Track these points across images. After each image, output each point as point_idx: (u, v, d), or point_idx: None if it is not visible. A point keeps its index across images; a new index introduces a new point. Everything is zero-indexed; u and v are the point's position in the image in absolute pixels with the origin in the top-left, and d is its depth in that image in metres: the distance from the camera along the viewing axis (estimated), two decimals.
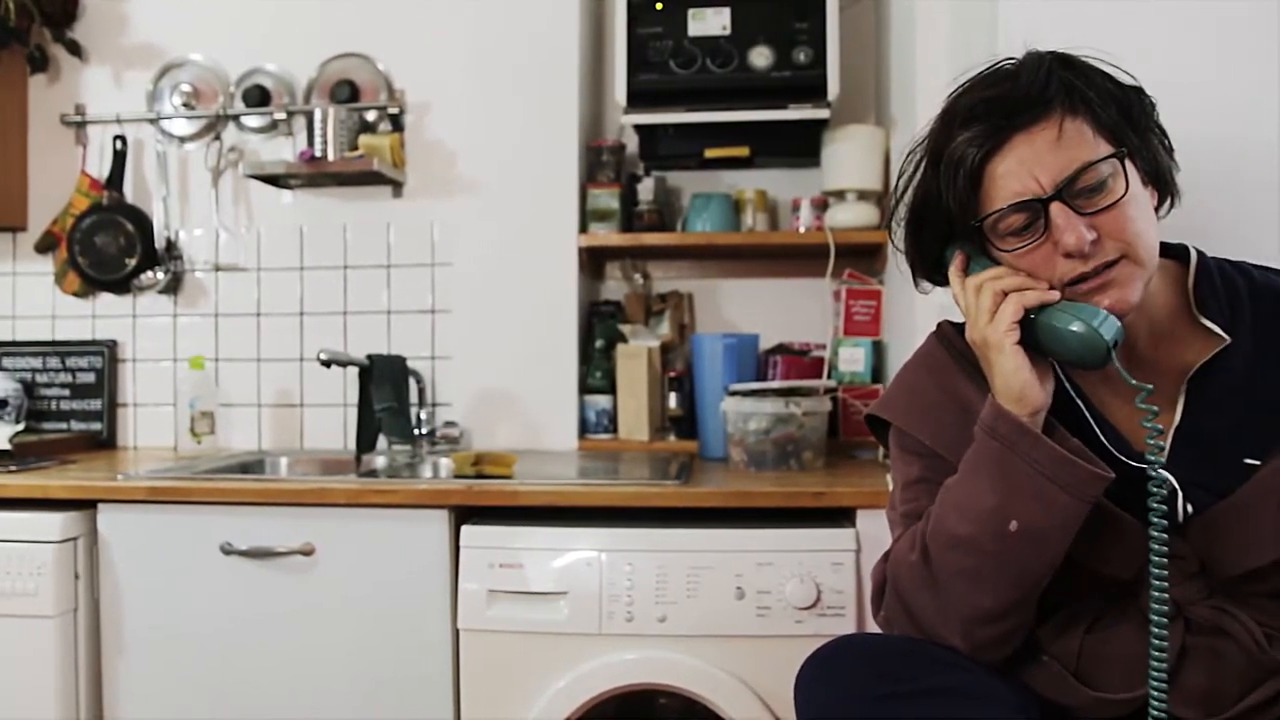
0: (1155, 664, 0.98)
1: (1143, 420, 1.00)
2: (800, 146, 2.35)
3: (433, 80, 2.41)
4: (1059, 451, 1.01)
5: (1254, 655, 1.04)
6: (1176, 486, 1.06)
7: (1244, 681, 1.04)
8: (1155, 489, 0.99)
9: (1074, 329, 1.01)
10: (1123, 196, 1.02)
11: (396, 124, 2.42)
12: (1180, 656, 1.05)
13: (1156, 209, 1.11)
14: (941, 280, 1.20)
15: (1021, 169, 1.03)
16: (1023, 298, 1.04)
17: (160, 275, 2.47)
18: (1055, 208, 1.02)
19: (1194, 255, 1.15)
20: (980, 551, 1.04)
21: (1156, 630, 0.99)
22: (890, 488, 1.28)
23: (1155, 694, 0.99)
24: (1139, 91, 1.09)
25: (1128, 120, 1.06)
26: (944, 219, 1.10)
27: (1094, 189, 1.03)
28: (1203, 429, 1.07)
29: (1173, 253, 1.15)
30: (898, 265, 1.31)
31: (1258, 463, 1.04)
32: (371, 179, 2.37)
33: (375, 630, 1.80)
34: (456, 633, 1.77)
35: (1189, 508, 1.06)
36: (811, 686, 1.07)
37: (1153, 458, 1.00)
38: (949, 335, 1.24)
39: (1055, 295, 1.04)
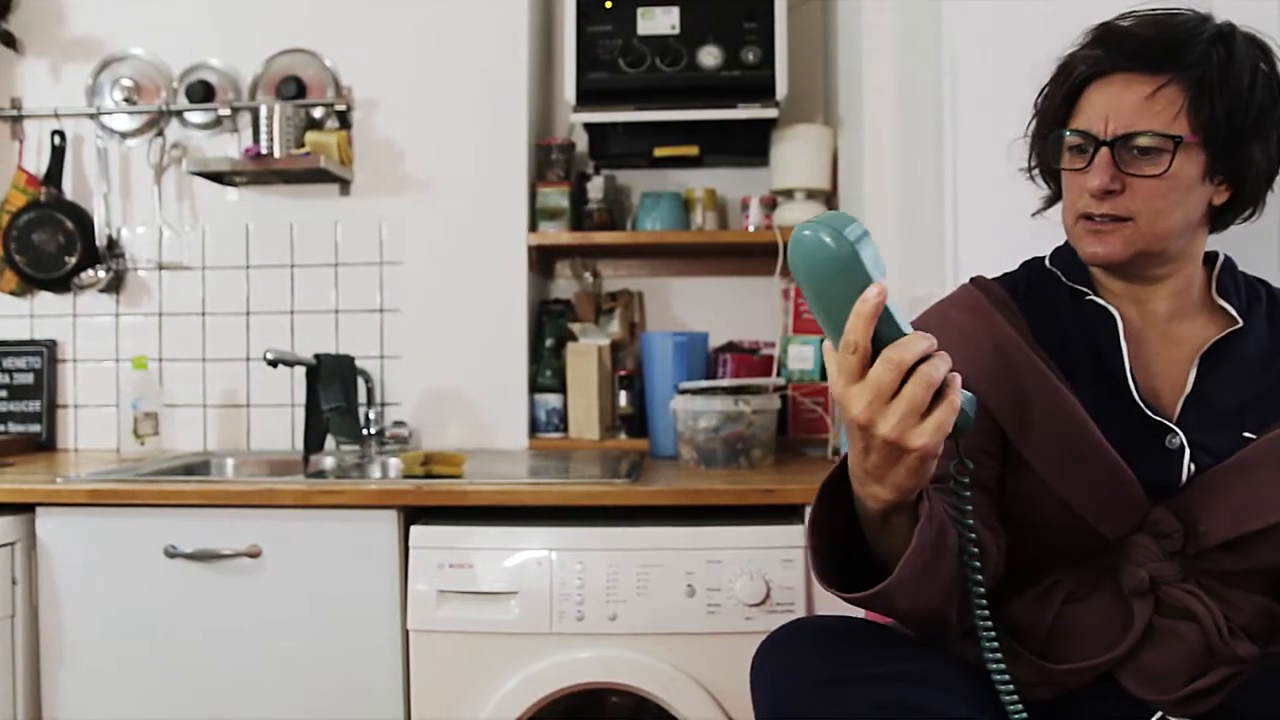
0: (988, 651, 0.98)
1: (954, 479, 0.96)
2: (749, 145, 2.36)
3: (381, 77, 2.39)
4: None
5: (1214, 644, 1.07)
6: (1185, 442, 1.10)
7: (1196, 667, 1.07)
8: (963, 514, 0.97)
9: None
10: (1161, 174, 1.08)
11: (344, 121, 2.39)
12: (1143, 635, 1.08)
13: (1226, 212, 1.16)
14: (1045, 181, 1.26)
15: (1103, 105, 1.11)
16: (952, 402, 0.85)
17: (101, 274, 2.42)
18: (1102, 152, 1.10)
19: (1222, 255, 1.22)
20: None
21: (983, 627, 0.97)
22: None
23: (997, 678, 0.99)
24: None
25: (1231, 119, 1.08)
26: (1049, 118, 1.18)
27: (1143, 152, 1.09)
28: (1210, 399, 1.13)
29: (1209, 259, 1.22)
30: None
31: (1254, 436, 1.10)
32: (319, 176, 2.34)
33: (324, 632, 1.79)
34: (406, 634, 1.76)
35: (1192, 466, 1.10)
36: (766, 671, 1.08)
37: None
38: (984, 284, 1.25)
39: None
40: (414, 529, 1.76)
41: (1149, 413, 1.11)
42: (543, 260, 2.50)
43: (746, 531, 1.73)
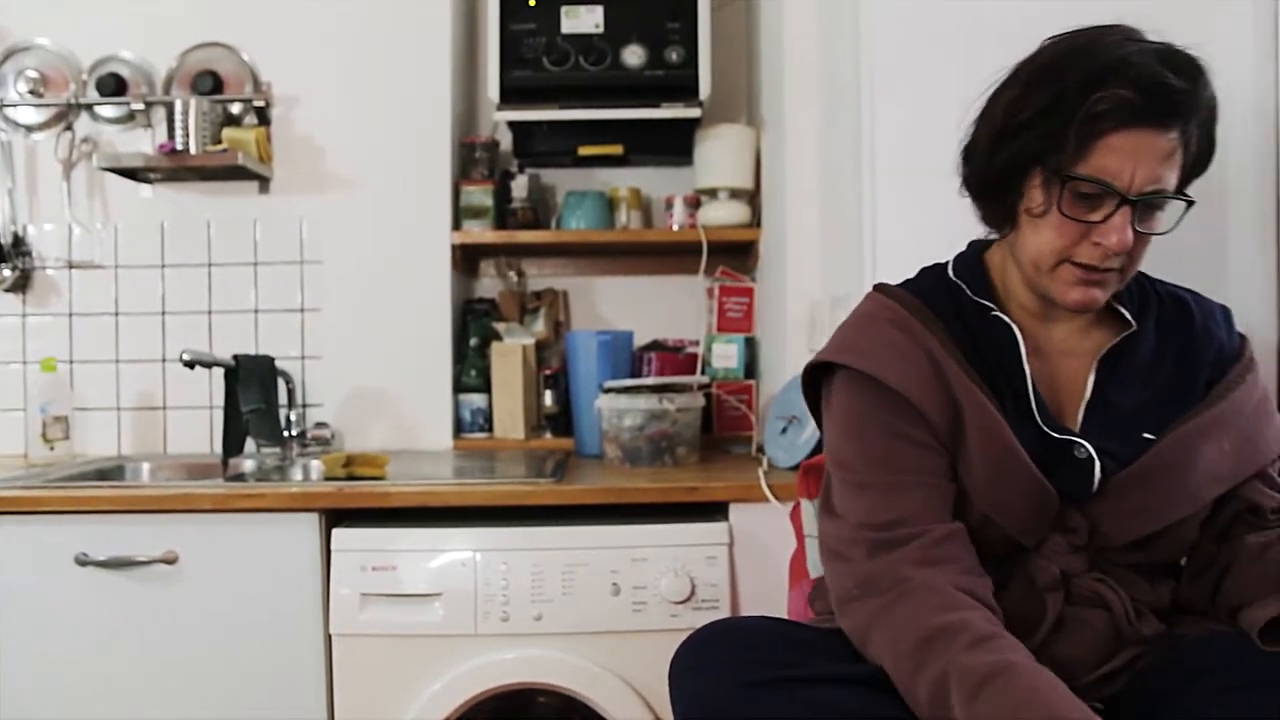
0: None
1: None
2: (673, 145, 2.37)
3: (301, 73, 2.35)
4: None
5: (1122, 627, 1.11)
6: (1093, 453, 1.12)
7: (1105, 652, 1.11)
8: None
9: None
10: (1159, 232, 1.10)
11: (263, 117, 2.35)
12: (1055, 626, 1.12)
13: None
14: (985, 203, 1.19)
15: (1129, 156, 1.05)
16: None
17: (7, 272, 2.34)
18: (1124, 209, 1.06)
19: None
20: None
21: None
22: (833, 449, 1.21)
23: None
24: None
25: (1196, 166, 1.11)
26: (1042, 146, 1.08)
27: (1153, 211, 1.08)
28: (1109, 403, 1.15)
29: None
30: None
31: (1154, 437, 1.13)
32: (237, 174, 2.29)
33: (244, 639, 1.75)
34: (329, 638, 1.74)
35: (1100, 474, 1.12)
36: (685, 673, 1.08)
37: None
38: (896, 294, 1.23)
39: None
40: (336, 532, 1.74)
41: (1049, 431, 1.13)
42: (467, 259, 2.48)
43: (671, 529, 1.75)
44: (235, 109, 2.34)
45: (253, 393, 2.14)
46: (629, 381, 2.09)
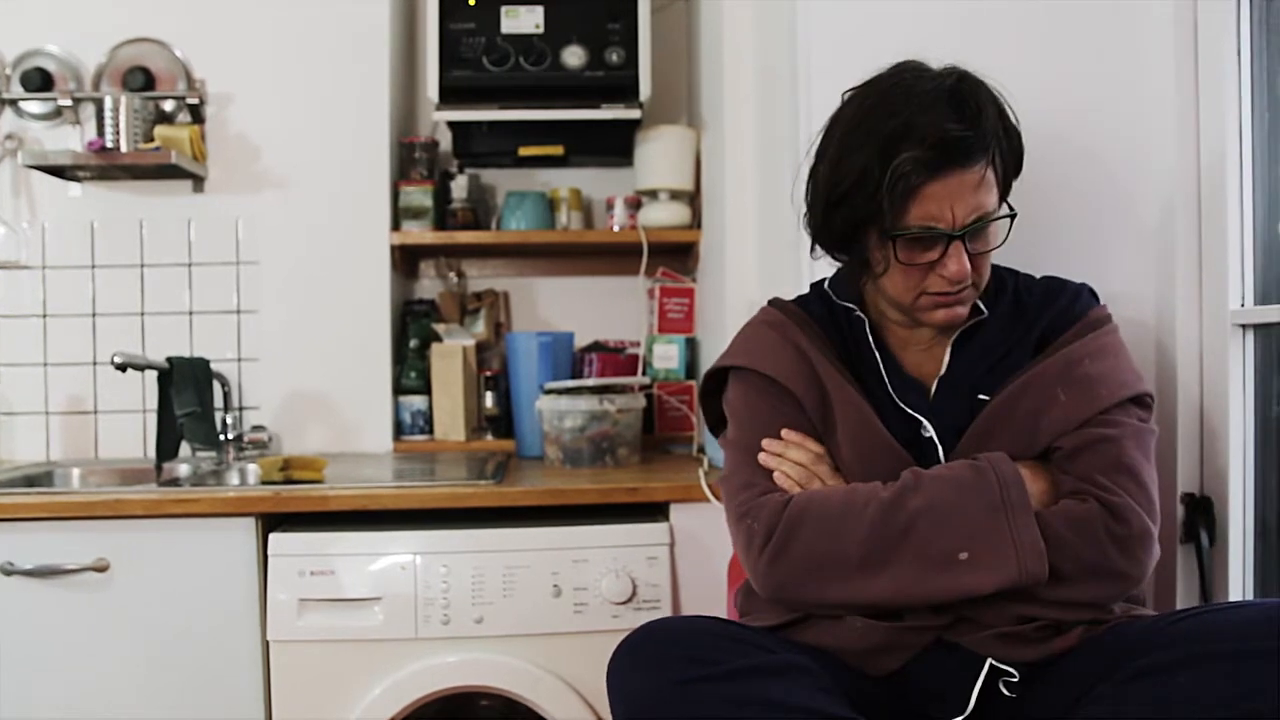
0: None
1: None
2: (614, 146, 2.38)
3: (236, 70, 2.31)
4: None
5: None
6: (936, 439, 1.24)
7: (1010, 611, 1.17)
8: None
9: None
10: (995, 246, 1.23)
11: (196, 115, 2.31)
12: None
13: None
14: (840, 256, 1.31)
15: (945, 199, 1.16)
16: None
17: None
18: (955, 244, 1.18)
19: None
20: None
21: None
22: (732, 437, 1.35)
23: None
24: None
25: (1012, 175, 1.25)
26: (866, 211, 1.18)
27: (982, 232, 1.20)
28: (958, 375, 1.28)
29: None
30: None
31: (988, 398, 1.24)
32: (170, 172, 2.25)
33: (178, 647, 1.72)
34: (266, 644, 1.72)
35: (942, 449, 1.24)
36: (622, 674, 1.10)
37: None
38: (780, 303, 1.39)
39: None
40: (273, 536, 1.72)
41: (904, 407, 1.26)
42: (406, 260, 2.46)
43: (612, 530, 1.75)
44: (168, 106, 2.30)
45: (187, 396, 2.11)
46: (569, 383, 2.09)
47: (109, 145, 2.18)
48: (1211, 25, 1.53)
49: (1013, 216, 1.22)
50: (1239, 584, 1.51)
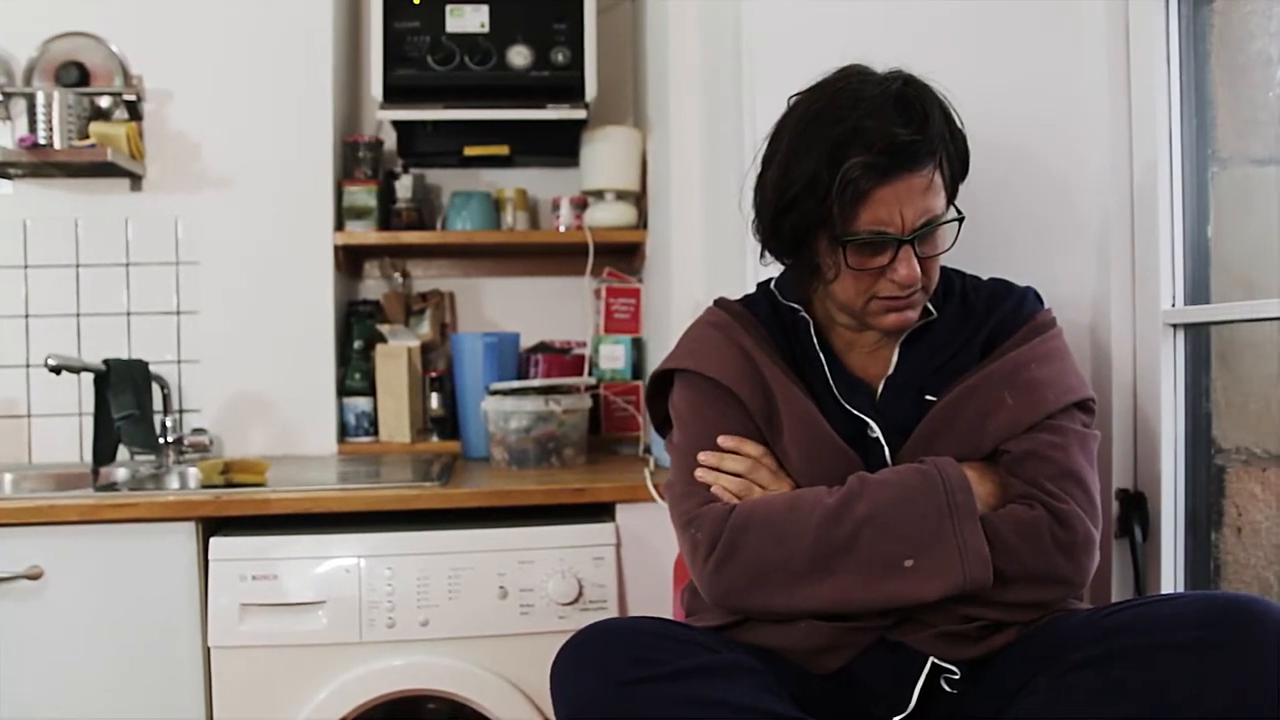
0: None
1: None
2: (559, 146, 2.38)
3: (174, 67, 2.27)
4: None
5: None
6: (882, 439, 1.25)
7: (942, 607, 1.18)
8: None
9: None
10: (944, 250, 1.24)
11: (134, 112, 2.26)
12: None
13: None
14: (789, 261, 1.30)
15: (894, 203, 1.16)
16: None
17: None
18: (905, 248, 1.18)
19: None
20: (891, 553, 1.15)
21: None
22: (677, 441, 1.35)
23: None
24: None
25: (959, 178, 1.25)
26: (816, 217, 1.18)
27: (931, 236, 1.21)
28: (905, 375, 1.28)
29: None
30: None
31: (935, 399, 1.25)
32: (106, 170, 2.20)
33: (116, 656, 1.69)
34: (207, 651, 1.69)
35: (888, 449, 1.24)
36: (566, 675, 1.10)
37: None
38: (726, 304, 1.39)
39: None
40: (213, 541, 1.69)
41: (850, 408, 1.27)
42: (350, 260, 2.44)
43: (558, 531, 1.75)
44: (104, 103, 2.25)
45: (125, 399, 2.07)
46: (515, 384, 2.08)
47: (41, 142, 2.13)
48: (1142, 34, 1.57)
49: (960, 220, 1.23)
50: (1170, 577, 1.55)
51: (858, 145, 1.14)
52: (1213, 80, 1.54)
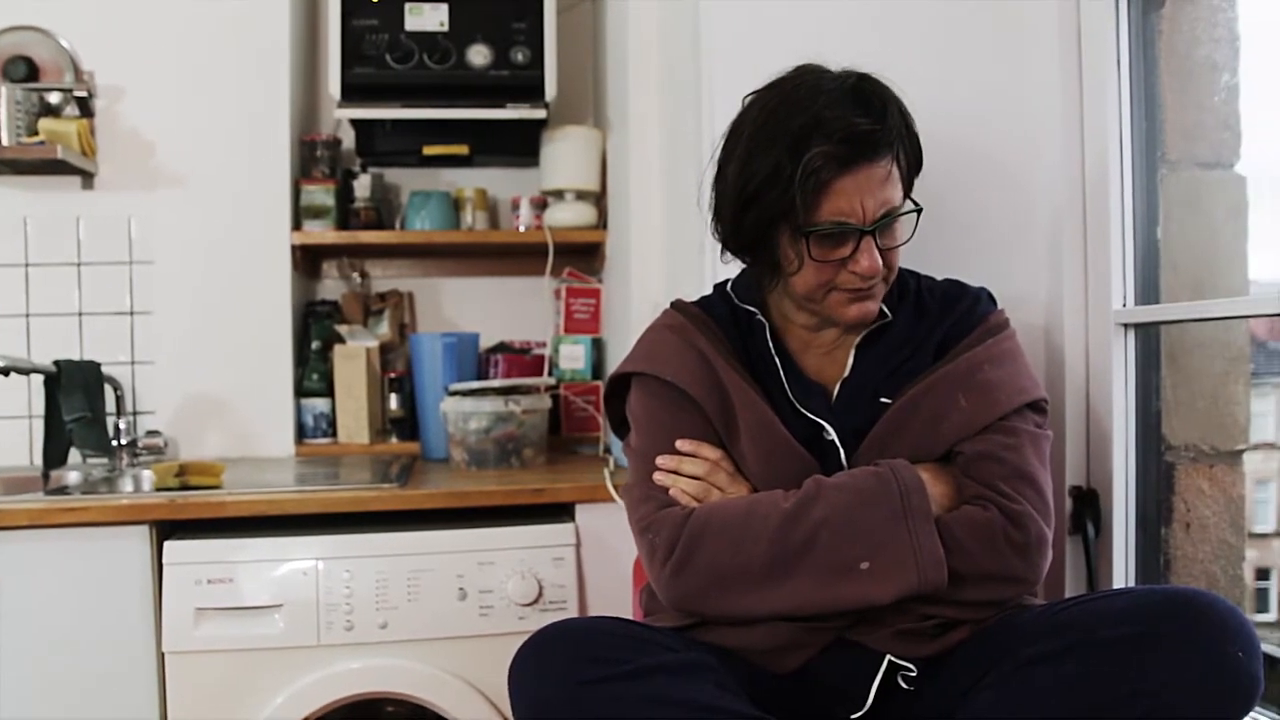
0: None
1: None
2: (519, 146, 2.37)
3: (127, 63, 2.23)
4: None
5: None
6: (837, 441, 1.25)
7: (898, 609, 1.19)
8: None
9: None
10: (903, 242, 1.24)
11: (85, 108, 2.22)
12: None
13: None
14: (748, 259, 1.31)
15: (855, 193, 1.17)
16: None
17: None
18: (866, 239, 1.19)
19: None
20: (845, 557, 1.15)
21: None
22: (634, 445, 1.34)
23: None
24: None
25: (914, 172, 1.26)
26: (778, 209, 1.18)
27: (890, 227, 1.22)
28: (861, 378, 1.29)
29: None
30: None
31: (889, 401, 1.25)
32: (56, 168, 2.16)
33: (67, 663, 1.66)
34: (161, 656, 1.67)
35: (844, 452, 1.25)
36: (524, 676, 1.10)
37: None
38: (683, 306, 1.38)
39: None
40: (168, 545, 1.67)
41: (805, 412, 1.27)
42: (308, 260, 2.42)
43: (518, 531, 1.75)
44: (54, 99, 2.21)
45: (76, 401, 2.03)
46: (474, 384, 2.08)
47: None
48: (1093, 40, 1.60)
49: (919, 211, 1.24)
50: (1122, 572, 1.58)
51: (819, 135, 1.15)
52: (1161, 85, 1.57)
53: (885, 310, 1.30)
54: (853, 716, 1.18)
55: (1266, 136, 1.46)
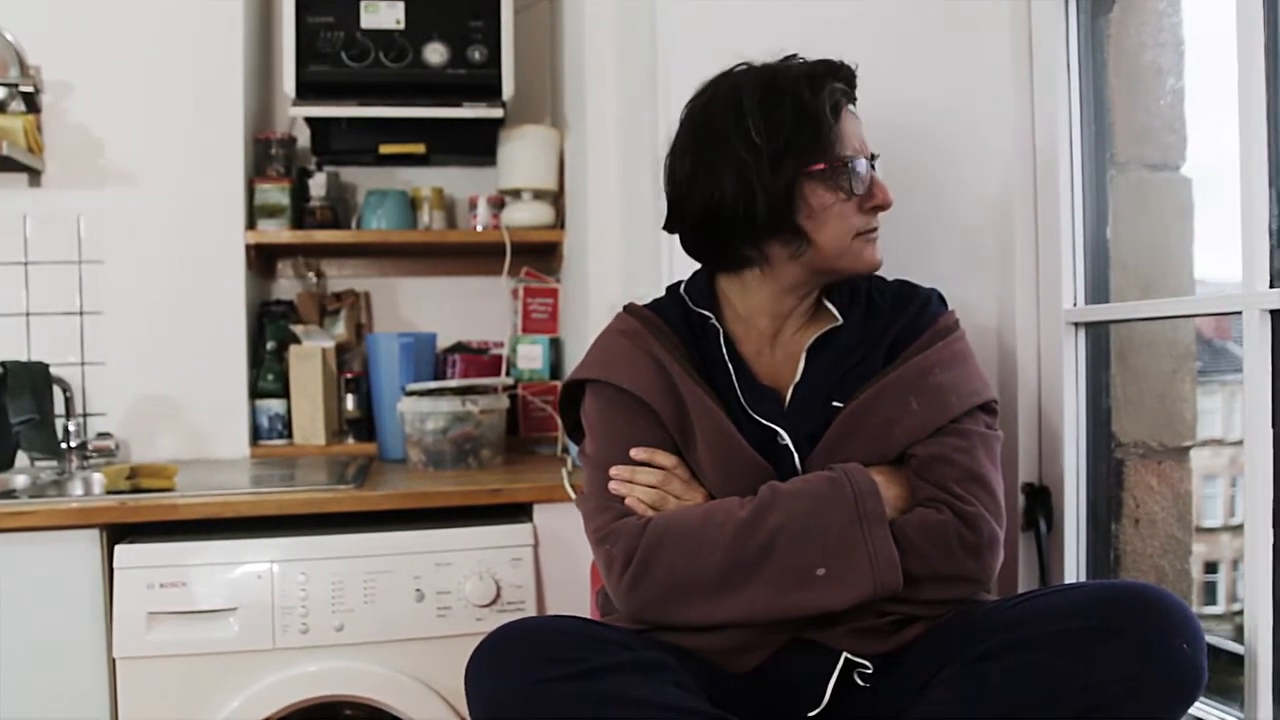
0: None
1: None
2: (476, 145, 2.36)
3: (76, 58, 2.19)
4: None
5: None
6: (791, 446, 1.25)
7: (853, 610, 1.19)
8: None
9: None
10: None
11: (31, 104, 2.17)
12: None
13: None
14: (723, 265, 1.32)
15: (855, 131, 1.25)
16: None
17: None
18: (875, 170, 1.26)
19: None
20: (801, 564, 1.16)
21: None
22: (590, 453, 1.33)
23: None
24: None
25: None
26: (811, 151, 1.21)
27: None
28: (813, 382, 1.29)
29: None
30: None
31: (841, 405, 1.26)
32: (2, 164, 2.11)
33: (15, 670, 1.63)
34: (113, 662, 1.64)
35: (798, 456, 1.25)
36: (480, 677, 1.09)
37: None
38: (636, 310, 1.37)
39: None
40: (119, 548, 1.65)
41: (758, 418, 1.26)
42: (262, 259, 2.39)
43: (475, 532, 1.74)
44: None
45: (23, 402, 1.99)
46: (431, 384, 2.06)
47: None
48: (1044, 44, 1.62)
49: (875, 156, 1.28)
50: (1073, 567, 1.61)
51: (826, 75, 1.23)
52: (1110, 88, 1.60)
53: (836, 313, 1.31)
54: (810, 714, 1.18)
55: (1211, 139, 1.48)
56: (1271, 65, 1.22)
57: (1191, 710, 1.12)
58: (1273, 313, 1.22)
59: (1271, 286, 1.23)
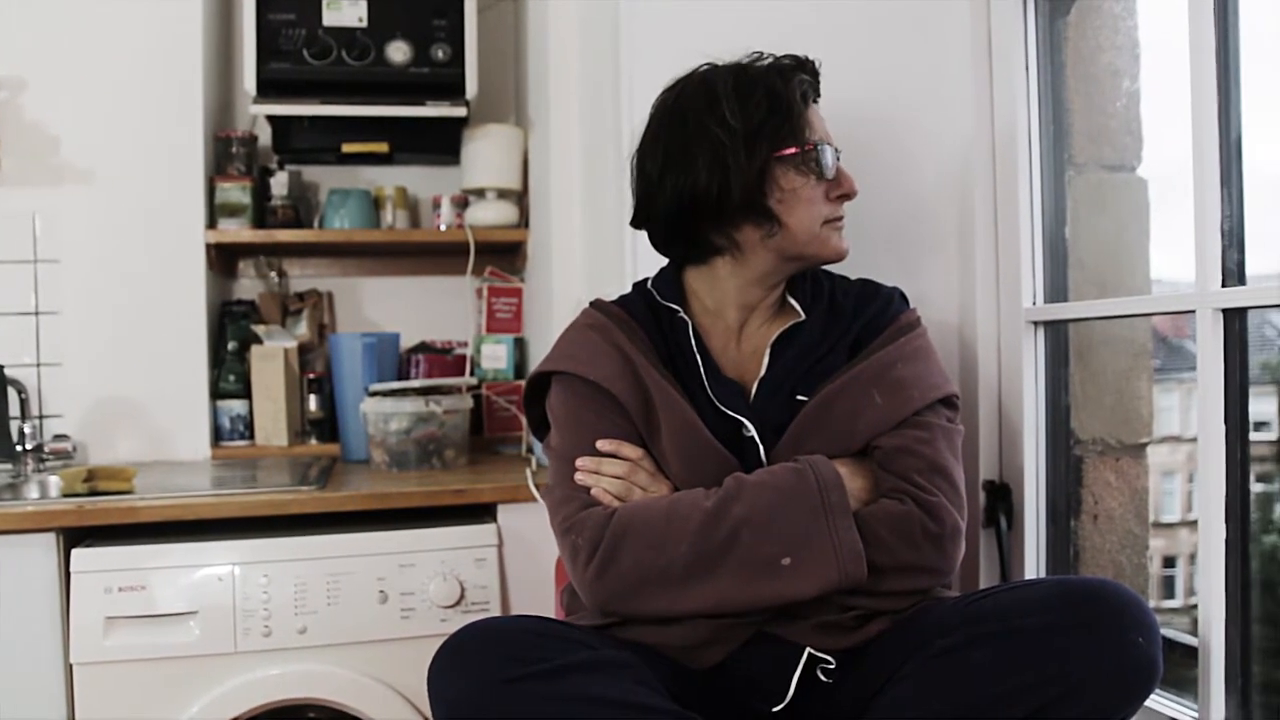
0: None
1: None
2: (440, 144, 2.35)
3: (29, 54, 2.15)
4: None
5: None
6: (757, 438, 1.26)
7: (818, 602, 1.21)
8: None
9: None
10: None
11: None
12: None
13: None
14: (693, 256, 1.34)
15: (819, 122, 1.30)
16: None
17: None
18: (840, 159, 1.29)
19: None
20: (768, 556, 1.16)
21: None
22: (555, 445, 1.33)
23: None
24: None
25: None
26: (780, 135, 1.24)
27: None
28: (777, 377, 1.30)
29: None
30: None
31: (806, 399, 1.27)
32: None
33: None
34: (69, 668, 1.62)
35: (763, 448, 1.26)
36: (443, 677, 1.09)
37: None
38: (603, 305, 1.38)
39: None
40: (75, 552, 1.62)
41: (724, 409, 1.28)
42: (223, 259, 2.37)
43: (439, 533, 1.73)
44: None
45: None
46: (394, 384, 2.05)
47: None
48: (1003, 45, 1.64)
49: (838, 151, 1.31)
50: (1033, 563, 1.62)
51: (793, 69, 1.28)
52: (1068, 90, 1.62)
53: (799, 309, 1.32)
54: (773, 709, 1.19)
55: (1166, 141, 1.51)
56: (1222, 69, 1.24)
57: (1148, 703, 1.14)
58: (1225, 311, 1.24)
59: (1224, 286, 1.25)
